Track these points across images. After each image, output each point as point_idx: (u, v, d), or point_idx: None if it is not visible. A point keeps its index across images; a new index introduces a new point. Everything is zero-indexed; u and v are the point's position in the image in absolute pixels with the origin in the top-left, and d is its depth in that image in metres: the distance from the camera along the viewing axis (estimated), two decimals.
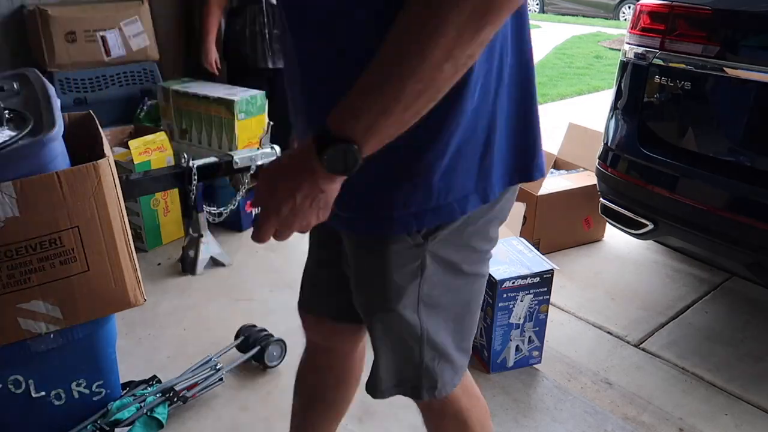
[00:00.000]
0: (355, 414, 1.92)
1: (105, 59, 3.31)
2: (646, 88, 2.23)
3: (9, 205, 1.39)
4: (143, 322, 2.37)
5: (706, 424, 1.93)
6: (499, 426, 1.89)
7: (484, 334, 2.12)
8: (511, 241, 2.22)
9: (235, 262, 2.83)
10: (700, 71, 2.06)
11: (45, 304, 1.51)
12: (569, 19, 12.94)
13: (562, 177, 3.03)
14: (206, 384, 1.93)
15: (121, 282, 1.59)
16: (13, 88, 1.72)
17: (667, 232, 2.32)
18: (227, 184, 2.98)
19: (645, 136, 2.26)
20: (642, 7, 2.25)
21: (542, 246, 2.72)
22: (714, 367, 2.17)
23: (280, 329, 2.29)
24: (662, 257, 2.92)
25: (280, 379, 2.07)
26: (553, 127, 5.10)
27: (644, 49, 2.21)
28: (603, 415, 1.95)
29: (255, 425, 1.88)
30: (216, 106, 2.95)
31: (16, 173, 1.39)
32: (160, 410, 1.80)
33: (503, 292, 2.01)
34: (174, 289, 2.62)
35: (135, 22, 3.38)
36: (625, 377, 2.13)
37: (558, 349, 2.26)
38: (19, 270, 1.45)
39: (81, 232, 1.50)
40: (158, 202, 2.89)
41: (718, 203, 2.08)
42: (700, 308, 2.53)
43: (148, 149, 2.80)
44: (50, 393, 1.66)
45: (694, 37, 2.07)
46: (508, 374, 2.12)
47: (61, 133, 1.51)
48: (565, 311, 2.51)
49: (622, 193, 2.38)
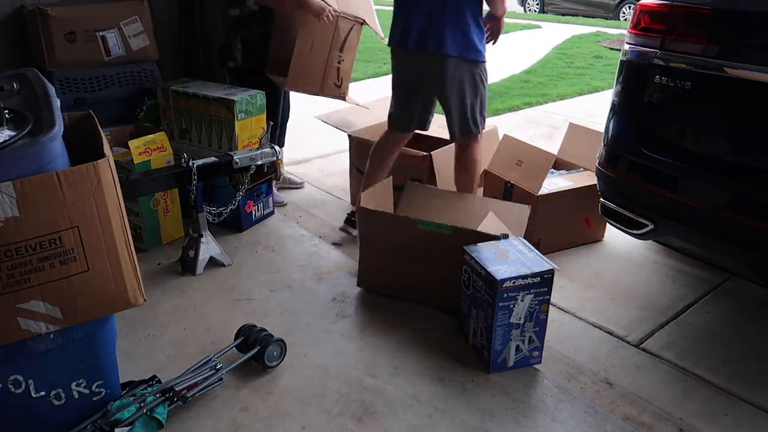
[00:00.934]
0: (355, 414, 1.93)
1: (105, 59, 3.31)
2: (646, 88, 2.23)
3: (9, 205, 1.39)
4: (143, 322, 2.37)
5: (706, 424, 1.93)
6: (499, 426, 1.89)
7: (484, 334, 2.12)
8: (511, 241, 2.22)
9: (235, 262, 2.83)
10: (700, 71, 2.06)
11: (45, 304, 1.51)
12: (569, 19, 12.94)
13: (562, 177, 3.03)
14: (206, 384, 1.93)
15: (121, 282, 1.59)
16: (13, 88, 1.72)
17: (667, 232, 2.32)
18: (227, 184, 2.98)
19: (645, 136, 2.26)
20: (642, 7, 2.25)
21: (542, 246, 2.72)
22: (714, 367, 2.17)
23: (280, 329, 2.29)
24: (662, 257, 2.92)
25: (280, 379, 2.07)
26: (553, 127, 5.10)
27: (644, 49, 2.21)
28: (603, 415, 1.95)
29: (255, 425, 1.88)
30: (216, 106, 2.95)
31: (16, 173, 1.39)
32: (160, 410, 1.80)
33: (503, 292, 2.01)
34: (174, 289, 2.62)
35: (135, 22, 3.38)
36: (625, 377, 2.13)
37: (558, 349, 2.26)
38: (19, 270, 1.45)
39: (81, 232, 1.50)
40: (158, 202, 2.89)
41: (718, 203, 2.08)
42: (700, 308, 2.53)
43: (148, 149, 2.80)
44: (50, 393, 1.66)
45: (695, 37, 2.07)
46: (508, 374, 2.12)
47: (60, 133, 1.51)
48: (565, 311, 2.51)
49: (622, 193, 2.38)
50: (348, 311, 2.47)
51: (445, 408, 1.96)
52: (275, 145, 2.87)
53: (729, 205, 2.07)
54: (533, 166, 2.91)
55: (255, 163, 2.75)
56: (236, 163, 2.69)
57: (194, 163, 2.58)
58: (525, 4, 15.24)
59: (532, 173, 2.89)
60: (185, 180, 2.58)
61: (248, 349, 2.09)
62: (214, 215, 2.85)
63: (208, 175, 2.66)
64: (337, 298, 2.56)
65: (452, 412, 1.94)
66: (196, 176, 2.58)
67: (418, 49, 2.60)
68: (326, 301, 2.54)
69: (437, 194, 2.84)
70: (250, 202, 3.12)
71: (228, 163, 2.69)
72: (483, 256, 2.12)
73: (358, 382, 2.07)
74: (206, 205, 2.78)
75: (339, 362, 2.16)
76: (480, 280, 2.10)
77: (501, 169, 3.07)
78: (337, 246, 3.00)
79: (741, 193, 2.03)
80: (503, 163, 3.08)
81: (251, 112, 2.99)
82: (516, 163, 3.00)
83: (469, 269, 2.17)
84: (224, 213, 2.88)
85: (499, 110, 5.69)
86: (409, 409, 1.96)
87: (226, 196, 2.96)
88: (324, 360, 2.17)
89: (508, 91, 6.47)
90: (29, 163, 1.42)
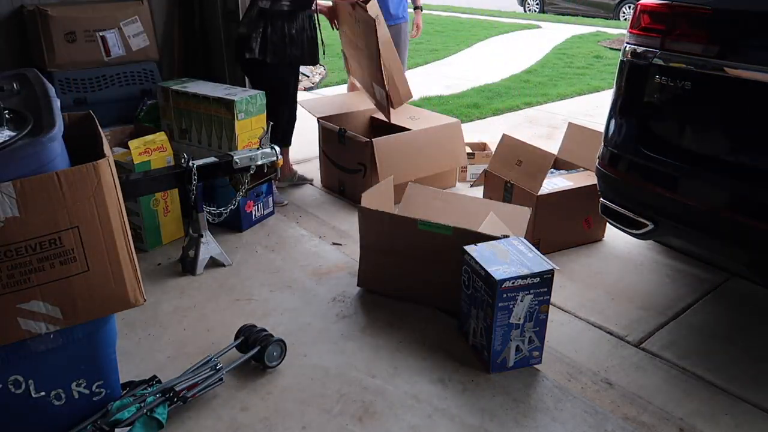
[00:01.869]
0: (355, 414, 1.93)
1: (105, 59, 3.32)
2: (646, 88, 2.23)
3: (9, 205, 1.39)
4: (143, 322, 2.37)
5: (706, 424, 1.93)
6: (499, 426, 1.89)
7: (484, 334, 2.12)
8: (511, 241, 2.22)
9: (235, 262, 2.83)
10: (700, 71, 2.05)
11: (45, 304, 1.51)
12: (569, 19, 12.94)
13: (562, 177, 3.03)
14: (206, 384, 1.93)
15: (121, 282, 1.59)
16: (13, 88, 1.72)
17: (667, 232, 2.32)
18: (227, 184, 2.98)
19: (645, 136, 2.26)
20: (642, 7, 2.25)
21: (542, 246, 2.72)
22: (714, 367, 2.17)
23: (280, 329, 2.29)
24: (662, 257, 2.92)
25: (280, 379, 2.07)
26: (553, 127, 5.11)
27: (644, 49, 2.21)
28: (603, 415, 1.95)
29: (255, 425, 1.88)
30: (216, 106, 2.95)
31: (16, 173, 1.39)
32: (160, 410, 1.80)
33: (503, 292, 2.01)
34: (174, 289, 2.62)
35: (134, 22, 3.38)
36: (625, 377, 2.13)
37: (558, 349, 2.26)
38: (19, 270, 1.45)
39: (81, 232, 1.50)
40: (158, 202, 2.89)
41: (718, 203, 2.08)
42: (700, 308, 2.53)
43: (148, 149, 2.80)
44: (50, 393, 1.66)
45: (695, 37, 2.07)
46: (508, 374, 2.12)
47: (60, 133, 1.51)
48: (565, 311, 2.51)
49: (622, 193, 2.38)
50: (348, 311, 2.47)
51: (445, 408, 1.96)
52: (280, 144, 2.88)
53: (729, 205, 2.07)
54: (533, 165, 2.91)
55: (255, 163, 2.75)
56: (236, 163, 2.69)
57: (194, 163, 2.58)
58: (525, 4, 15.24)
59: (532, 173, 2.89)
60: (185, 180, 2.58)
61: (248, 349, 2.09)
62: (214, 215, 2.85)
63: (208, 175, 2.66)
64: (337, 298, 2.56)
65: (452, 412, 1.94)
66: (196, 176, 2.58)
67: None
68: (326, 301, 2.54)
69: (438, 195, 2.84)
70: (250, 202, 3.12)
71: (228, 163, 2.69)
72: (483, 256, 2.12)
73: (358, 382, 2.07)
74: (206, 205, 2.78)
75: (339, 362, 2.16)
76: (480, 280, 2.10)
77: (501, 169, 3.08)
78: (337, 246, 3.00)
79: (741, 193, 2.03)
80: (503, 163, 3.08)
81: (251, 112, 2.99)
82: (516, 163, 3.00)
83: (468, 269, 2.17)
84: (224, 213, 2.88)
85: (499, 110, 5.70)
86: (409, 409, 1.96)
87: (226, 196, 2.96)
88: (324, 360, 2.17)
89: (508, 91, 6.48)
90: (29, 163, 1.42)
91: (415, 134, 3.47)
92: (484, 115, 5.54)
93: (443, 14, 13.71)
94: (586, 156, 3.01)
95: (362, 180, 3.37)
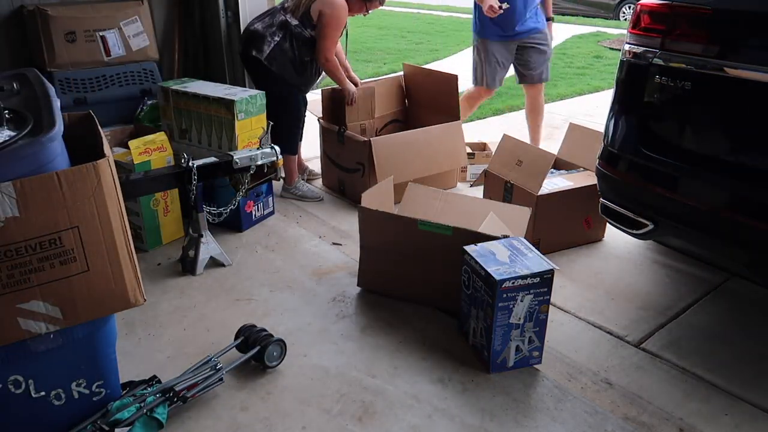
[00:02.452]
0: (355, 414, 1.93)
1: (105, 59, 3.32)
2: (646, 88, 2.23)
3: (9, 205, 1.39)
4: (143, 322, 2.37)
5: (706, 424, 1.93)
6: (499, 426, 1.89)
7: (484, 334, 2.12)
8: (511, 241, 2.22)
9: (235, 262, 2.83)
10: (700, 71, 2.05)
11: (45, 304, 1.51)
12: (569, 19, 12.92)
13: (562, 177, 3.03)
14: (206, 384, 1.93)
15: (121, 282, 1.59)
16: (13, 88, 1.72)
17: (667, 232, 2.32)
18: (227, 184, 2.98)
19: (645, 136, 2.26)
20: (642, 7, 2.25)
21: (542, 246, 2.72)
22: (714, 367, 2.17)
23: (280, 329, 2.29)
24: (662, 257, 2.92)
25: (280, 379, 2.07)
26: (553, 127, 5.10)
27: (644, 49, 2.21)
28: (603, 415, 1.95)
29: (255, 425, 1.88)
30: (216, 106, 2.95)
31: (16, 173, 1.39)
32: (160, 410, 1.80)
33: (503, 292, 2.01)
34: (174, 289, 2.62)
35: (134, 22, 3.38)
36: (625, 377, 2.13)
37: (558, 349, 2.26)
38: (19, 270, 1.45)
39: (81, 232, 1.50)
40: (158, 202, 2.89)
41: (718, 203, 2.08)
42: (700, 308, 2.53)
43: (148, 149, 2.80)
44: (50, 393, 1.66)
45: (695, 37, 2.07)
46: (508, 374, 2.12)
47: (60, 133, 1.51)
48: (565, 311, 2.51)
49: (622, 193, 2.38)
50: (348, 311, 2.47)
51: (445, 408, 1.96)
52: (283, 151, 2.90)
53: (729, 205, 2.07)
54: (533, 166, 2.91)
55: (255, 163, 2.75)
56: (236, 163, 2.69)
57: (194, 163, 2.58)
58: None
59: (532, 173, 2.89)
60: (185, 180, 2.58)
61: (248, 349, 2.09)
62: (214, 215, 2.85)
63: (208, 175, 2.66)
64: (337, 298, 2.56)
65: (452, 412, 1.94)
66: (196, 176, 2.58)
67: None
68: (326, 301, 2.54)
69: (438, 195, 2.84)
70: (250, 202, 3.12)
71: (228, 163, 2.69)
72: (483, 256, 2.12)
73: (358, 382, 2.07)
74: (206, 205, 2.78)
75: (339, 362, 2.16)
76: (480, 280, 2.10)
77: (501, 169, 3.08)
78: (337, 246, 3.00)
79: (741, 193, 2.03)
80: (503, 163, 3.08)
81: (251, 112, 2.99)
82: (516, 163, 3.00)
83: (468, 269, 2.17)
84: (224, 213, 2.88)
85: (500, 110, 5.70)
86: (409, 409, 1.96)
87: (226, 196, 2.96)
88: (324, 360, 2.17)
89: (508, 91, 6.46)
90: (29, 163, 1.42)
91: (414, 134, 3.47)
92: (484, 115, 5.55)
93: (443, 14, 13.71)
94: (586, 156, 3.01)
95: (361, 179, 3.38)
